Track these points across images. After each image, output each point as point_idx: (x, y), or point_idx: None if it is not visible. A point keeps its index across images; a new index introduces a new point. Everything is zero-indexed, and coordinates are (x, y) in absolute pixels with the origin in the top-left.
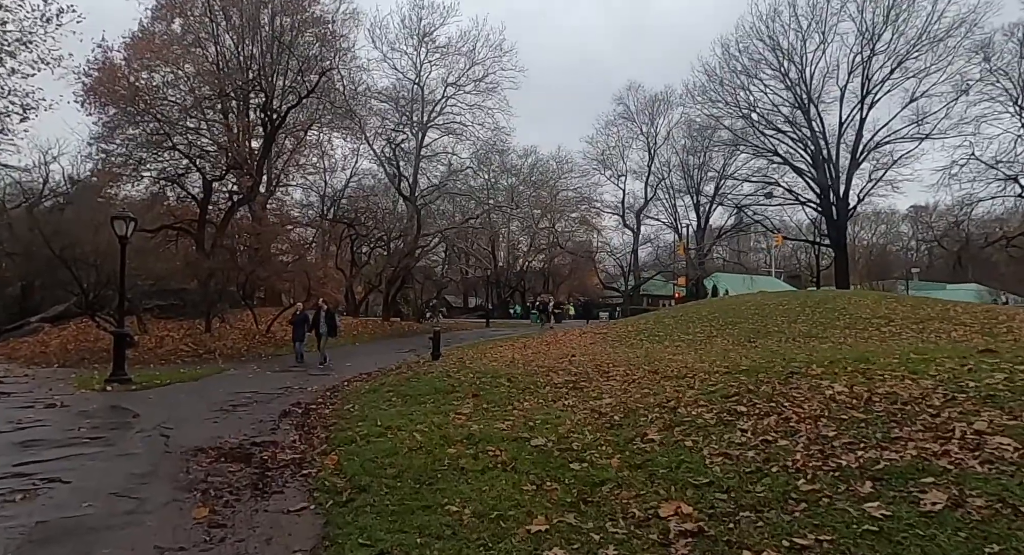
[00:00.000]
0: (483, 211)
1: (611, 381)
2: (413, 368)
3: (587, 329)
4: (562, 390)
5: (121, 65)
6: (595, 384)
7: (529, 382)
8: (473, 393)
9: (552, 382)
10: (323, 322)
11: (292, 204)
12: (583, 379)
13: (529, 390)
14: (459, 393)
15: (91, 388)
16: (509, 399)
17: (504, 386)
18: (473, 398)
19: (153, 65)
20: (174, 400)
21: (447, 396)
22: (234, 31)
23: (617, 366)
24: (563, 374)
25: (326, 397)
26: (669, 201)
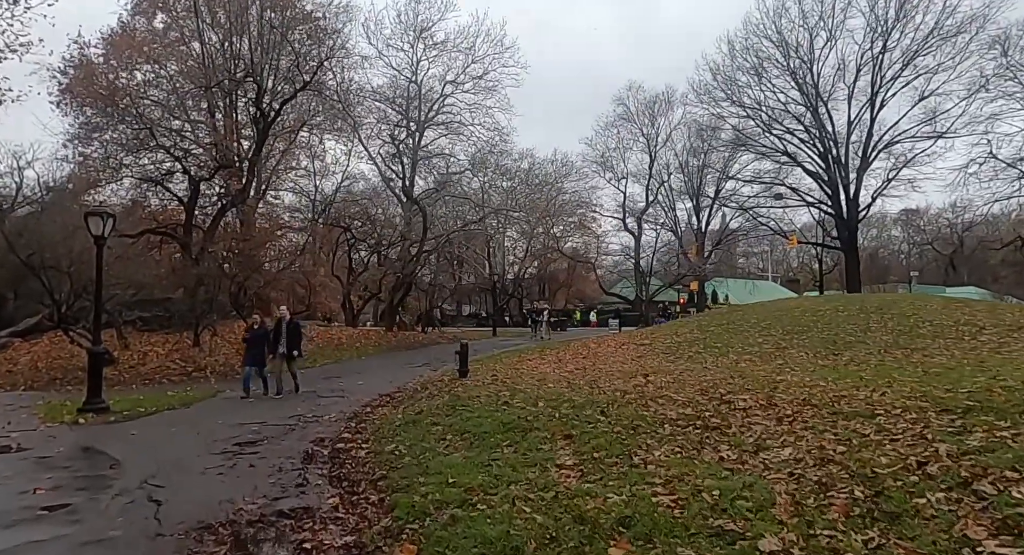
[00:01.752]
0: (484, 214)
1: (753, 417)
2: (444, 389)
3: (615, 338)
4: (690, 430)
5: (99, 63)
6: (730, 420)
7: (630, 415)
8: (564, 433)
9: (665, 417)
10: (282, 337)
11: (282, 208)
12: (705, 411)
13: (640, 429)
14: (541, 431)
15: (60, 420)
16: (620, 443)
17: (601, 422)
18: (566, 440)
19: (134, 63)
20: (163, 437)
21: (525, 435)
22: (220, 27)
23: (735, 393)
24: (666, 404)
25: (352, 431)
26: (668, 204)
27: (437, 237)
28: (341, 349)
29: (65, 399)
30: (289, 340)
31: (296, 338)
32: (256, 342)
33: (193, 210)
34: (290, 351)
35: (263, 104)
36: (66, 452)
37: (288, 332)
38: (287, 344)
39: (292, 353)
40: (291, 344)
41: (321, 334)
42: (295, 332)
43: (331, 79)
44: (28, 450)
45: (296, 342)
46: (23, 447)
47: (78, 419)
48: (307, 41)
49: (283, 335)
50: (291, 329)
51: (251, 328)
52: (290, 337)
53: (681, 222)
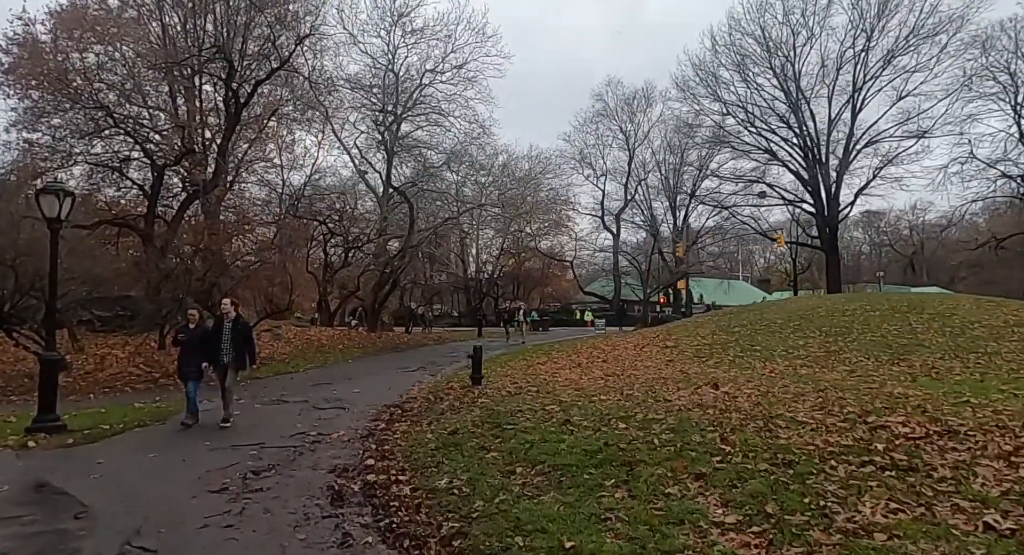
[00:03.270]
0: (464, 209)
1: (950, 453)
2: (465, 400)
3: (626, 339)
4: (879, 473)
5: (47, 41)
6: (922, 457)
7: (761, 444)
8: (689, 470)
9: (814, 448)
10: (226, 342)
11: (249, 202)
12: (869, 442)
13: (798, 467)
14: (651, 466)
15: (4, 443)
16: (788, 491)
17: (731, 455)
18: (698, 482)
19: (86, 43)
20: (140, 467)
21: (632, 471)
22: (182, 7)
23: (874, 414)
24: (793, 427)
25: (376, 455)
26: (646, 202)
27: (421, 231)
28: (323, 351)
29: (8, 413)
30: (236, 347)
31: (246, 344)
32: (194, 348)
33: (156, 200)
34: (239, 362)
35: (233, 85)
36: (13, 492)
37: (235, 335)
38: (233, 352)
39: (239, 366)
40: (239, 352)
41: (299, 335)
42: (244, 335)
43: (303, 65)
44: None
45: (246, 350)
46: None
47: (27, 441)
48: (276, 25)
49: (227, 339)
50: (238, 331)
51: (185, 328)
52: (237, 342)
53: (658, 221)
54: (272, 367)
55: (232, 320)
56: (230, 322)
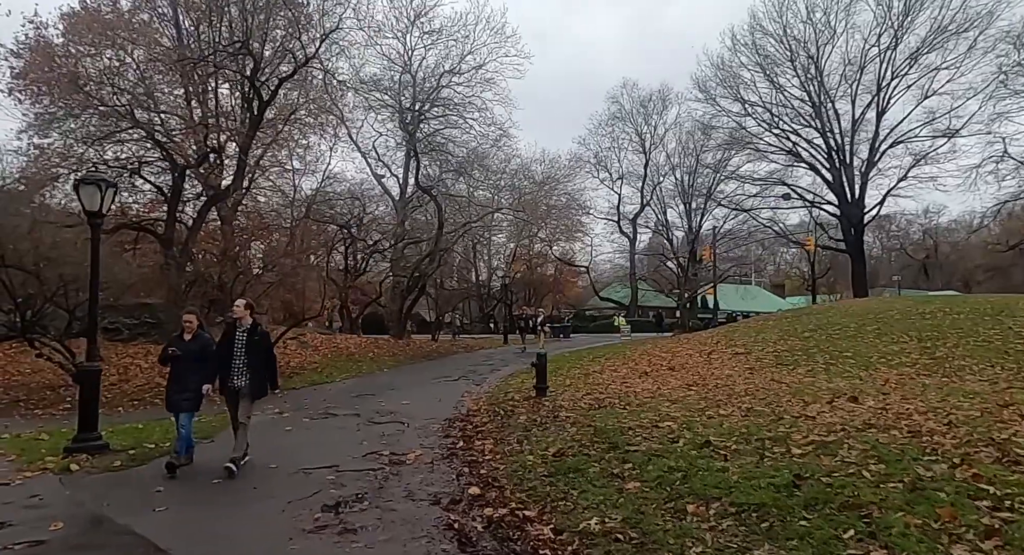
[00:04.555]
0: (485, 212)
1: None
2: (545, 414)
3: (679, 344)
4: None
5: (59, 45)
6: None
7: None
8: (985, 529)
9: None
10: (239, 358)
11: (264, 208)
12: None
13: None
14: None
15: (43, 465)
16: None
17: (1003, 499)
18: (992, 541)
19: (99, 47)
20: (207, 498)
21: (870, 518)
22: (195, 10)
23: None
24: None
25: (478, 483)
26: (660, 206)
27: (449, 233)
28: (354, 360)
29: (38, 430)
30: (253, 364)
31: (267, 362)
32: (187, 366)
33: (176, 203)
34: (257, 386)
35: (257, 82)
36: (69, 531)
37: (250, 349)
38: (249, 373)
39: (260, 390)
40: (257, 373)
41: (325, 343)
42: (264, 350)
43: (319, 68)
44: (1, 527)
45: (267, 369)
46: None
47: (69, 464)
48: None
49: (240, 354)
50: (256, 343)
51: (177, 339)
52: (255, 358)
53: (672, 225)
54: (305, 377)
55: (247, 329)
56: (244, 331)
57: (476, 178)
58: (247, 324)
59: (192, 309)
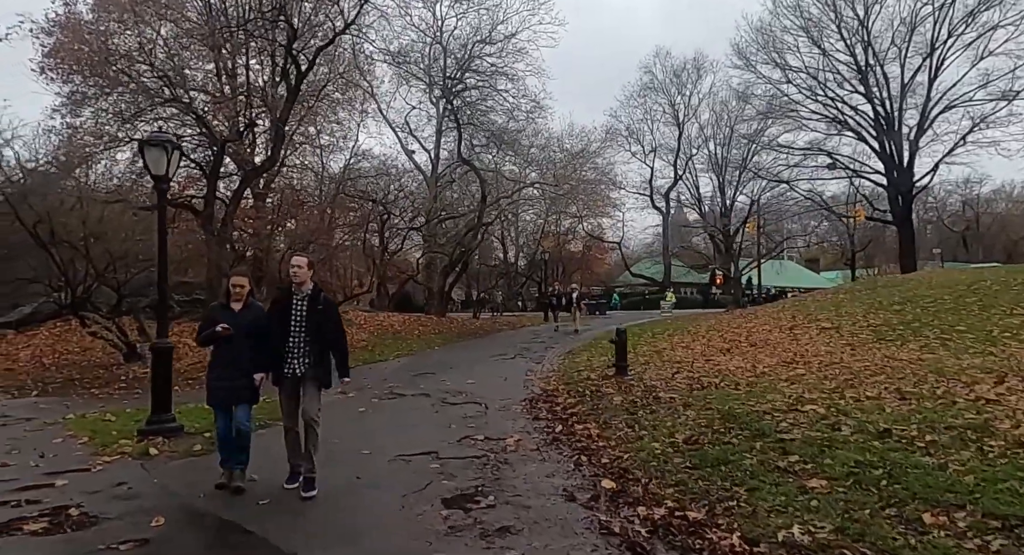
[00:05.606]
0: (520, 187)
1: None
2: (638, 394)
3: (748, 321)
4: None
5: (89, 22)
6: None
7: None
8: None
9: None
10: (298, 334)
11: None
12: None
13: None
14: None
15: (117, 448)
16: None
17: None
18: None
19: (128, 22)
20: (321, 481)
21: None
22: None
23: None
24: None
25: (608, 474)
26: (693, 179)
27: (490, 207)
28: (401, 338)
29: (101, 411)
30: (317, 342)
31: (335, 339)
32: (239, 342)
33: (216, 179)
34: (322, 372)
35: (294, 51)
36: (172, 529)
37: (312, 321)
38: (312, 355)
39: (325, 378)
40: (322, 353)
41: (369, 320)
42: (332, 321)
43: (356, 33)
44: (98, 522)
45: (337, 349)
46: (87, 513)
47: (147, 448)
48: None
49: (299, 328)
50: (319, 313)
51: (221, 308)
52: (319, 334)
53: (707, 198)
54: (356, 356)
55: (308, 296)
56: (304, 299)
57: (507, 151)
58: (307, 290)
59: (243, 271)
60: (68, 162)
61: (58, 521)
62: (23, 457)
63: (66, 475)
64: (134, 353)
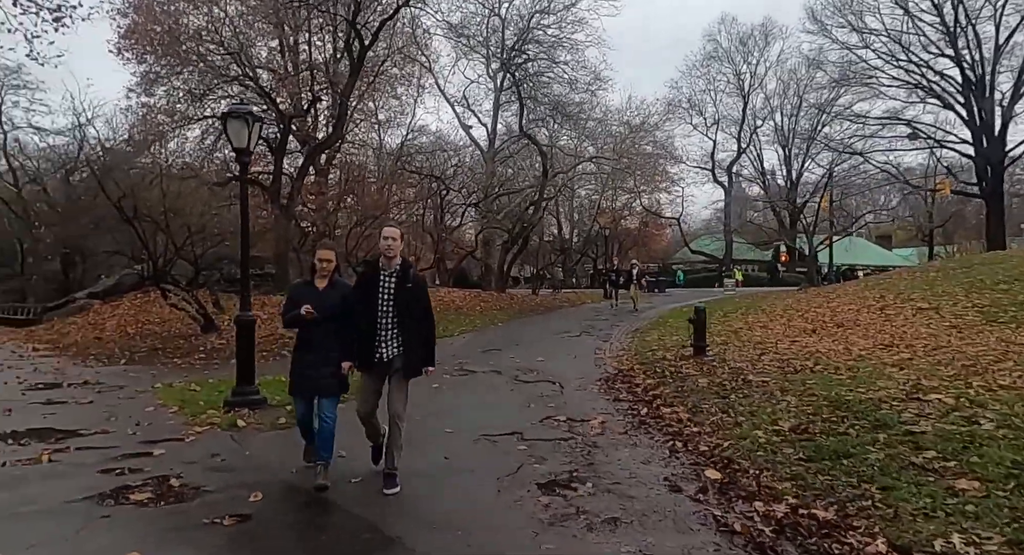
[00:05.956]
0: (577, 162)
1: None
2: (723, 376)
3: (827, 300)
4: None
5: (161, 1)
6: None
7: None
8: None
9: None
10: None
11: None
12: None
13: None
14: None
15: (206, 419)
16: None
17: None
18: None
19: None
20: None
21: None
22: None
23: None
24: None
25: (710, 463)
26: (756, 152)
27: (552, 181)
28: (464, 314)
29: (187, 380)
30: (407, 323)
31: (424, 321)
32: (326, 325)
33: (282, 155)
34: (413, 358)
35: (358, 24)
36: (270, 504)
37: (401, 300)
38: (402, 337)
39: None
40: (413, 339)
41: (432, 296)
42: (420, 301)
43: (417, 5)
44: (199, 494)
45: (426, 331)
46: (187, 485)
47: (235, 420)
48: None
49: (387, 308)
50: (408, 292)
51: (304, 286)
52: (408, 315)
53: (769, 172)
54: None
55: (397, 272)
56: (392, 275)
57: (567, 125)
58: (397, 265)
59: (329, 244)
60: (143, 140)
61: (161, 491)
62: (120, 424)
63: (162, 444)
64: (211, 325)
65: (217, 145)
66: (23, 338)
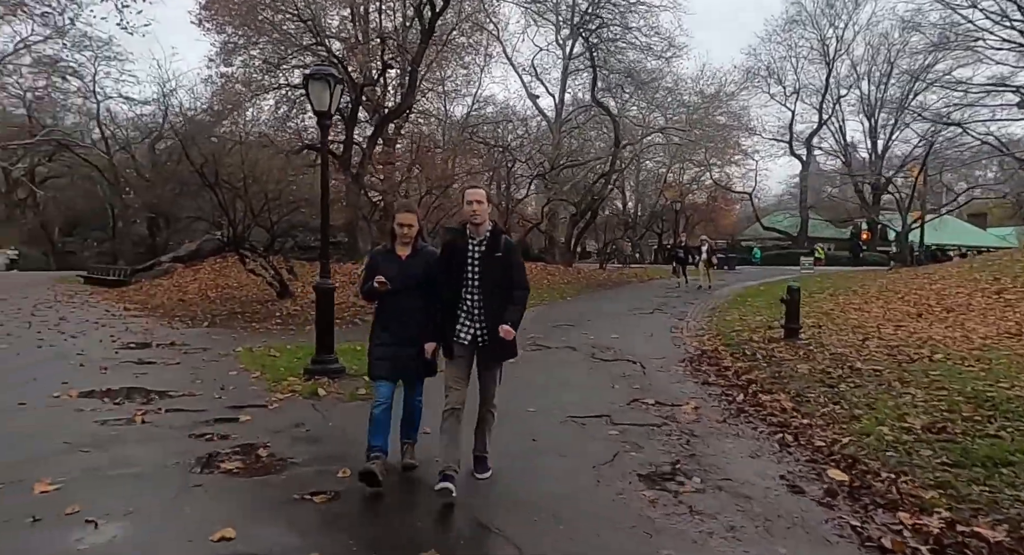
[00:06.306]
0: (649, 132)
1: None
2: (822, 362)
3: (940, 282)
4: None
5: None
6: None
7: None
8: None
9: None
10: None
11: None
12: None
13: None
14: None
15: (290, 386)
16: None
17: None
18: None
19: None
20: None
21: None
22: None
23: None
24: None
25: (832, 461)
26: (837, 123)
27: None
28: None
29: (266, 345)
30: (498, 298)
31: (517, 291)
32: (409, 300)
33: (354, 124)
34: (510, 343)
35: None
36: (362, 487)
37: (492, 273)
38: (494, 316)
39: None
40: (499, 313)
41: None
42: (515, 273)
43: None
44: (287, 466)
45: (516, 307)
46: (274, 455)
47: (316, 388)
48: None
49: (473, 281)
50: (499, 262)
51: (384, 253)
52: (498, 290)
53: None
54: None
55: (486, 240)
56: (480, 244)
57: (643, 93)
58: (486, 232)
59: (410, 206)
60: (222, 110)
61: (250, 461)
62: (206, 388)
63: (247, 410)
64: (286, 291)
65: (290, 114)
66: (115, 298)
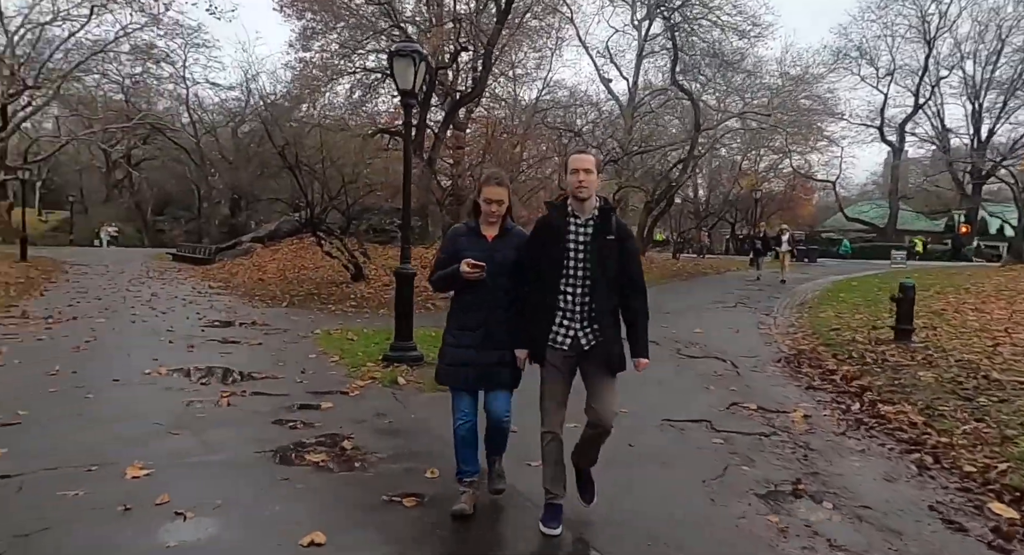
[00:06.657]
0: (727, 116)
1: None
2: (939, 367)
3: None
4: None
5: None
6: None
7: None
8: None
9: None
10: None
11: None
12: None
13: None
14: None
15: (369, 373)
16: None
17: None
18: None
19: None
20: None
21: None
22: None
23: None
24: None
25: (997, 494)
26: (936, 107)
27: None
28: None
29: (343, 327)
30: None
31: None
32: (494, 291)
33: (427, 108)
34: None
35: None
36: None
37: (605, 262)
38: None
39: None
40: (615, 316)
41: None
42: (632, 263)
43: None
44: (373, 463)
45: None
46: (359, 448)
47: (396, 376)
48: None
49: (576, 273)
50: (611, 247)
51: (467, 230)
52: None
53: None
54: None
55: (594, 221)
56: (587, 225)
57: (718, 75)
58: (593, 210)
59: (500, 177)
60: (300, 94)
61: (335, 453)
62: (287, 370)
63: (328, 397)
64: (360, 273)
65: (365, 98)
66: (200, 276)
